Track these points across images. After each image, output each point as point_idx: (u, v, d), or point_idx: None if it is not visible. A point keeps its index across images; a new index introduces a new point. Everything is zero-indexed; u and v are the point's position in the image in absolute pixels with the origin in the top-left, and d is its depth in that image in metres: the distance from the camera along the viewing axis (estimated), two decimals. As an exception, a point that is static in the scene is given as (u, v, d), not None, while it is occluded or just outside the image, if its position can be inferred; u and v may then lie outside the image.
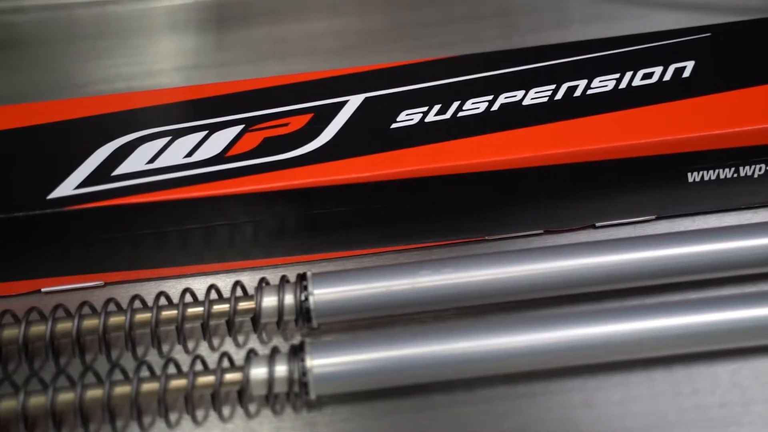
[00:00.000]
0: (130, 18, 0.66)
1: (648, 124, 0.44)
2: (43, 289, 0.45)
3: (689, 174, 0.45)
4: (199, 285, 0.44)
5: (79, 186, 0.42)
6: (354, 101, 0.47)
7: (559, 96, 0.46)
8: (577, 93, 0.46)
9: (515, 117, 0.45)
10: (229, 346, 0.43)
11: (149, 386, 0.38)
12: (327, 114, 0.46)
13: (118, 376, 0.39)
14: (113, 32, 0.64)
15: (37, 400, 0.38)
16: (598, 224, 0.47)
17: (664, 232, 0.46)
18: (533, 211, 0.46)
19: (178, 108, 0.48)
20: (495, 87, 0.47)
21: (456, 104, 0.46)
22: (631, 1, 0.64)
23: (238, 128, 0.45)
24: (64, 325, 0.40)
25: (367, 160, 0.43)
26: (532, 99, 0.46)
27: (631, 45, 0.49)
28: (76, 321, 0.40)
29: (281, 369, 0.38)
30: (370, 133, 0.45)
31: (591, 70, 0.47)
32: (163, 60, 0.63)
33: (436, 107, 0.46)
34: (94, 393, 0.38)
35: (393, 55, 0.58)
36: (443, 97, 0.46)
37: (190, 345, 0.43)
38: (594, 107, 0.45)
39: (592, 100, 0.45)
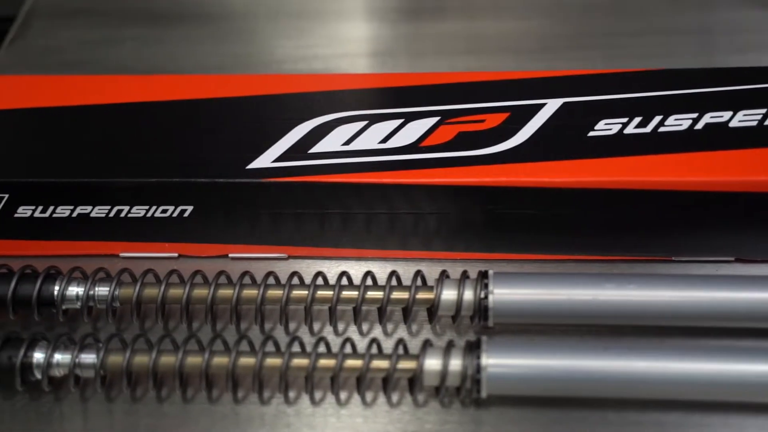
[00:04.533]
0: (331, 0, 0.67)
1: None
2: (230, 255, 0.47)
3: None
4: (379, 269, 0.44)
5: (277, 159, 0.44)
6: (552, 105, 0.46)
7: (769, 121, 0.44)
8: (791, 120, 0.44)
9: (720, 138, 0.43)
10: (402, 333, 0.43)
11: (325, 362, 0.39)
12: (523, 115, 0.45)
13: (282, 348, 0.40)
14: (314, 13, 0.66)
15: (220, 361, 0.39)
16: (795, 258, 0.45)
17: None
18: (727, 237, 0.44)
19: (375, 94, 0.49)
20: (700, 105, 0.45)
21: (658, 119, 0.45)
22: None
23: (434, 120, 0.46)
24: (249, 292, 0.42)
25: (562, 165, 0.42)
26: (740, 121, 0.44)
27: None
28: (261, 290, 0.42)
29: (456, 363, 0.38)
30: (566, 138, 0.44)
31: (808, 98, 0.45)
32: (359, 44, 0.64)
33: (637, 119, 0.45)
34: (273, 362, 0.39)
35: (589, 62, 0.58)
36: (644, 109, 0.45)
37: (364, 327, 0.44)
38: (809, 136, 0.43)
39: (807, 128, 0.43)
